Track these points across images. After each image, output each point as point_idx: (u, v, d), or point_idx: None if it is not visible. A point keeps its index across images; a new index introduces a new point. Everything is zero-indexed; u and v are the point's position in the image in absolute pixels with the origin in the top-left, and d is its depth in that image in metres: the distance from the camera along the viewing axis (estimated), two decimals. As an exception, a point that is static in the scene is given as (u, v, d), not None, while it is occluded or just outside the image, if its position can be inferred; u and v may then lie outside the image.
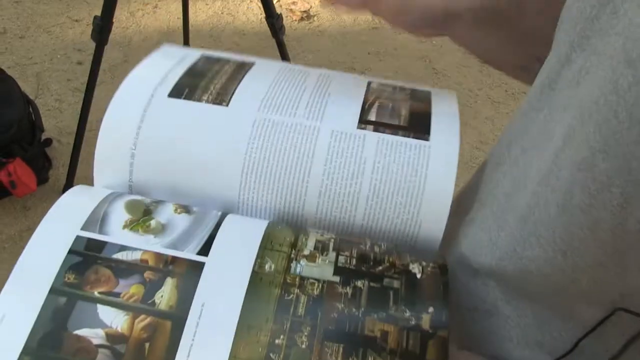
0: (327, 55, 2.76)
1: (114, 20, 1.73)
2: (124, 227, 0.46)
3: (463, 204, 0.57)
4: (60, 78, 2.46)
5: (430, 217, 0.49)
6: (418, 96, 0.58)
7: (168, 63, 0.58)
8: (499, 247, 0.48)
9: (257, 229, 0.47)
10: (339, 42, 2.85)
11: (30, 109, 2.02)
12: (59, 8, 2.86)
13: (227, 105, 0.53)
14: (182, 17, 2.17)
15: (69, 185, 1.90)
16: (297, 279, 0.43)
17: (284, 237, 0.46)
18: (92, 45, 1.75)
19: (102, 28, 1.71)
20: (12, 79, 2.01)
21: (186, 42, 2.42)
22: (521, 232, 0.45)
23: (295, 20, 2.95)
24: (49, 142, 2.09)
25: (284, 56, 1.94)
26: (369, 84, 0.59)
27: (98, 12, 1.71)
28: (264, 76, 0.57)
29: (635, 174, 0.34)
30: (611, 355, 0.44)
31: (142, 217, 0.47)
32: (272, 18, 1.84)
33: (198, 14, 2.87)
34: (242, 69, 0.58)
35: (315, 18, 3.00)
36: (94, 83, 1.79)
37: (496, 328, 0.52)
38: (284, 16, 1.92)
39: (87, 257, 0.44)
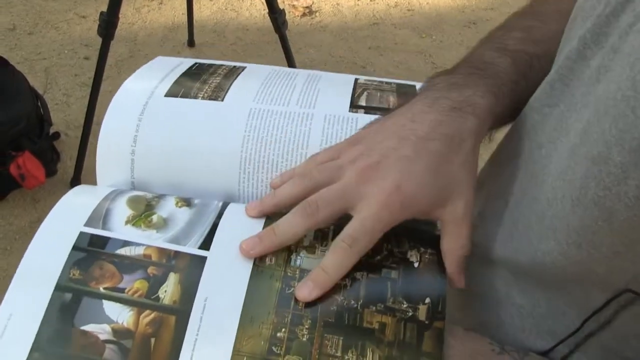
0: (329, 50, 2.75)
1: (120, 16, 1.73)
2: (127, 222, 0.45)
3: (476, 195, 0.56)
4: (68, 73, 2.45)
5: None
6: (404, 89, 0.58)
7: (163, 70, 0.58)
8: (515, 239, 0.48)
9: (257, 219, 0.46)
10: (341, 37, 2.84)
11: (39, 103, 2.01)
12: (66, 4, 2.86)
13: (222, 100, 0.53)
14: (186, 13, 2.17)
15: (76, 177, 1.90)
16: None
17: None
18: (99, 40, 1.75)
19: (108, 24, 1.71)
20: (21, 74, 2.00)
21: (190, 37, 2.43)
22: (539, 226, 0.45)
23: (298, 15, 2.94)
24: (57, 135, 2.09)
25: (287, 51, 1.94)
26: (355, 80, 0.59)
27: (104, 8, 1.70)
28: (256, 76, 0.58)
29: None
30: (620, 342, 0.43)
31: (144, 212, 0.46)
32: (275, 13, 1.84)
33: (202, 10, 2.86)
34: (235, 72, 0.59)
35: (317, 14, 2.99)
36: (101, 78, 1.78)
37: (507, 317, 0.51)
38: (286, 12, 1.92)
39: (91, 252, 0.43)
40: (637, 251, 0.38)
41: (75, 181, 1.92)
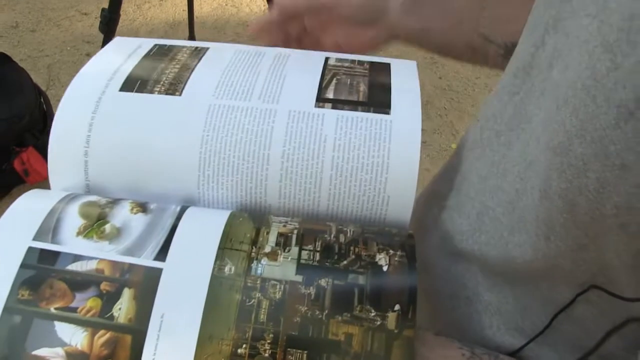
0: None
1: (121, 12, 1.72)
2: (78, 234, 0.42)
3: (439, 190, 0.54)
4: (70, 69, 2.44)
5: (398, 192, 0.45)
6: (377, 69, 0.54)
7: (119, 56, 0.54)
8: (484, 232, 0.47)
9: (216, 225, 0.43)
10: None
11: (42, 99, 2.01)
12: (68, 2, 2.85)
13: (180, 94, 0.49)
14: (187, 10, 2.14)
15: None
16: (258, 281, 0.40)
17: (244, 233, 0.42)
18: (100, 37, 1.74)
19: (109, 20, 1.70)
20: (24, 70, 2.00)
21: (191, 34, 2.39)
22: (509, 218, 0.43)
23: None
24: (60, 131, 2.07)
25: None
26: (326, 59, 0.55)
27: (106, 5, 1.69)
28: (218, 62, 0.53)
29: (612, 158, 0.32)
30: (588, 336, 0.43)
31: (97, 221, 0.43)
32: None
33: (203, 6, 2.83)
34: (196, 56, 0.54)
35: None
36: (102, 74, 1.76)
37: (476, 315, 0.50)
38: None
39: (40, 270, 0.40)
40: (599, 245, 0.37)
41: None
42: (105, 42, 1.73)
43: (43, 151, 1.87)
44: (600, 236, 0.36)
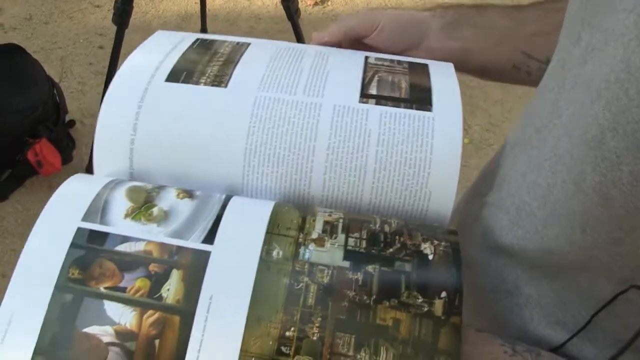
0: (340, 38, 2.70)
1: (133, 5, 1.70)
2: (126, 216, 0.42)
3: (480, 187, 0.55)
4: (83, 62, 2.42)
5: (439, 187, 0.45)
6: (416, 69, 0.54)
7: (163, 49, 0.54)
8: (521, 227, 0.47)
9: (262, 212, 0.43)
10: (352, 26, 2.79)
11: (55, 91, 2.00)
12: (81, -6, 2.84)
13: (225, 86, 0.49)
14: (199, 2, 2.14)
15: (92, 164, 1.89)
16: (305, 266, 0.40)
17: (290, 219, 0.42)
18: (113, 29, 1.72)
19: (122, 12, 1.69)
20: (37, 62, 1.99)
21: (203, 26, 2.39)
22: (542, 212, 0.43)
23: (310, 5, 2.88)
24: (72, 123, 2.07)
25: (299, 39, 1.88)
26: (366, 58, 0.55)
27: (119, -2, 1.68)
28: (261, 58, 0.53)
29: None
30: (628, 332, 0.42)
31: (144, 204, 0.43)
32: (288, 2, 1.80)
33: (215, -1, 2.84)
34: (238, 51, 0.54)
35: (329, 2, 2.93)
36: (115, 66, 1.75)
37: (517, 308, 0.50)
38: (298, 0, 1.87)
39: (90, 250, 0.40)
40: (635, 238, 0.36)
41: (91, 168, 1.89)
42: (118, 34, 1.72)
43: (56, 143, 1.87)
44: (636, 229, 0.36)
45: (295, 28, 1.87)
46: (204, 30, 2.47)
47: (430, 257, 0.41)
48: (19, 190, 1.90)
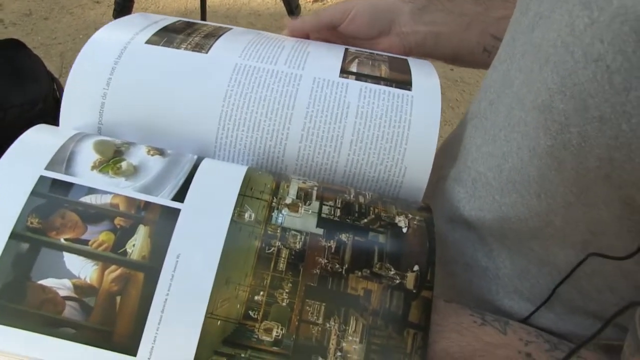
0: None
1: (134, 0, 1.67)
2: (93, 168, 0.38)
3: (439, 162, 0.55)
4: (83, 58, 2.38)
5: (415, 163, 0.44)
6: (395, 59, 0.52)
7: (144, 21, 0.51)
8: (477, 198, 0.46)
9: (236, 173, 0.40)
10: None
11: (55, 87, 1.96)
12: (80, -11, 2.79)
13: (206, 52, 0.47)
14: (199, -2, 2.12)
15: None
16: (278, 230, 0.37)
17: (264, 183, 0.40)
18: (113, 25, 1.68)
19: (123, 8, 1.65)
20: (37, 57, 1.94)
21: (203, 23, 2.37)
22: (498, 181, 0.43)
23: (310, 1, 2.84)
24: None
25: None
26: (346, 49, 0.53)
27: (119, -7, 1.61)
28: (243, 35, 0.51)
29: (591, 111, 0.32)
30: (586, 299, 0.43)
31: (113, 158, 0.39)
32: (288, -2, 1.74)
33: (215, -5, 2.80)
34: (220, 30, 0.52)
35: (329, 0, 2.91)
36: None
37: (475, 280, 0.50)
38: (298, -2, 1.83)
39: (52, 199, 0.36)
40: (586, 201, 0.37)
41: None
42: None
43: (57, 139, 1.82)
44: (587, 190, 0.36)
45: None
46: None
47: (404, 230, 0.39)
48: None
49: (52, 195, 0.36)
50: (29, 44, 1.93)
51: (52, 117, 1.84)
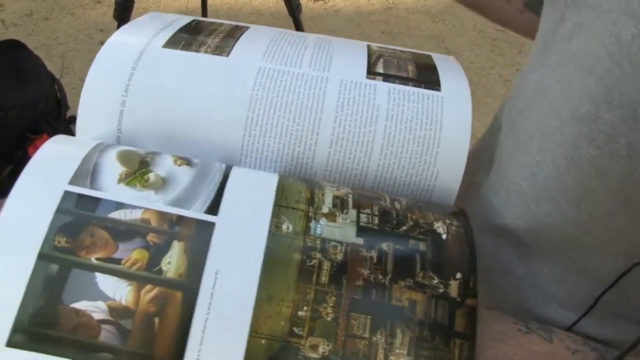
0: (342, 34, 2.61)
1: (134, 0, 1.66)
2: (119, 181, 0.36)
3: (468, 165, 0.54)
4: (84, 58, 2.34)
5: (447, 167, 0.42)
6: (420, 56, 0.50)
7: (159, 23, 0.49)
8: (512, 207, 0.45)
9: (268, 182, 0.38)
10: (354, 22, 2.72)
11: (56, 87, 1.97)
12: (81, -10, 2.81)
13: (227, 56, 0.44)
14: (200, -3, 2.12)
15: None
16: (317, 241, 0.35)
17: (298, 191, 0.38)
18: (114, 25, 1.66)
19: (124, 8, 1.66)
20: (39, 58, 1.95)
21: (205, 23, 2.37)
22: (533, 190, 0.42)
23: (311, 0, 2.86)
24: (73, 119, 2.03)
25: (301, 34, 1.85)
26: (368, 45, 0.51)
27: (119, -8, 1.60)
28: (263, 35, 0.49)
29: None
30: (631, 309, 0.43)
31: (138, 169, 0.37)
32: (289, -3, 1.72)
33: (216, -6, 2.81)
34: (238, 30, 0.50)
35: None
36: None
37: (512, 288, 0.49)
38: (299, -4, 1.81)
39: (79, 216, 0.34)
40: (632, 212, 0.36)
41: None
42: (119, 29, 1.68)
43: (57, 140, 1.83)
44: (631, 201, 0.36)
45: (297, 24, 1.81)
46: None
47: (444, 236, 0.37)
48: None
49: (78, 212, 0.34)
50: (29, 45, 1.95)
51: (53, 117, 1.86)
